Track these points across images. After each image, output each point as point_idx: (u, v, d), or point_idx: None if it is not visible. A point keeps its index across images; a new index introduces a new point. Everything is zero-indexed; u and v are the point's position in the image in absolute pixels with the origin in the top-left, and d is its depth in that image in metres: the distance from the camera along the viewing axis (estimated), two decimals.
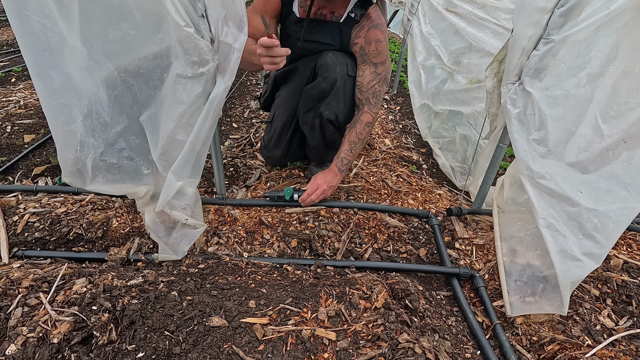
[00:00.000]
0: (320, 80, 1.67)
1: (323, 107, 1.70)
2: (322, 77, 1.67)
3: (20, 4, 0.97)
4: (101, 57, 1.13)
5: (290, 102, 1.87)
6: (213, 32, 1.19)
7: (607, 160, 1.22)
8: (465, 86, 2.29)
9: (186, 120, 1.24)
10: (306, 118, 1.79)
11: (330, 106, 1.70)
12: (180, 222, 1.36)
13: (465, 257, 1.61)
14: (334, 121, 1.73)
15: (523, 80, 1.33)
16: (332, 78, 1.65)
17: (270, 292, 1.21)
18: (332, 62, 1.65)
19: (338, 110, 1.71)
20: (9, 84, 3.24)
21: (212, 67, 1.22)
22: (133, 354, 0.96)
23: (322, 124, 1.74)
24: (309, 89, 1.73)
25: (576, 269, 1.21)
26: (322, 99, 1.70)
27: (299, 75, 1.84)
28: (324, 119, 1.71)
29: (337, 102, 1.70)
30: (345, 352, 1.01)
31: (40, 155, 2.15)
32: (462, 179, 2.17)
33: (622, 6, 1.08)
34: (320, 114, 1.71)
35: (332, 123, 1.74)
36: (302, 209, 1.71)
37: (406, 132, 3.00)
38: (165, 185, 1.27)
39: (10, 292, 1.14)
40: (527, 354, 1.24)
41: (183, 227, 1.38)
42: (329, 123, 1.73)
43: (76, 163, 1.20)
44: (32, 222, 1.53)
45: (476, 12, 2.23)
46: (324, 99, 1.70)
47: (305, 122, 1.81)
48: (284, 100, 1.90)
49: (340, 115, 1.72)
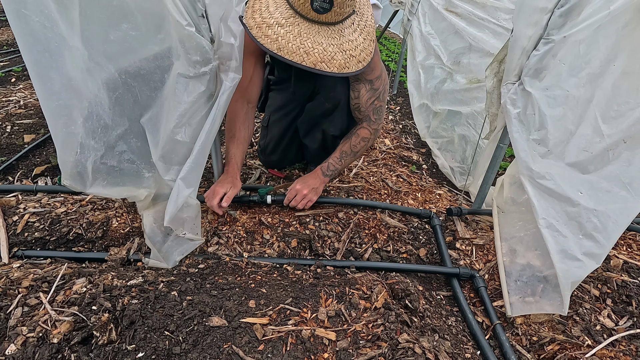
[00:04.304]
0: (323, 100, 1.67)
1: (327, 124, 1.72)
2: (324, 97, 1.66)
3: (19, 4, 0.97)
4: (102, 58, 1.12)
5: (286, 112, 1.85)
6: (213, 31, 1.19)
7: (607, 160, 1.22)
8: (465, 86, 2.29)
9: (187, 120, 1.24)
10: (309, 133, 1.80)
11: (335, 123, 1.71)
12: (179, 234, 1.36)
13: (465, 257, 1.61)
14: (338, 137, 1.75)
15: (523, 80, 1.33)
16: (335, 98, 1.65)
17: (270, 292, 1.21)
18: (332, 81, 1.63)
19: (343, 126, 1.73)
20: (9, 84, 3.24)
21: (214, 67, 1.22)
22: (133, 354, 0.96)
23: (325, 138, 1.76)
24: (311, 108, 1.72)
25: (576, 269, 1.21)
26: (326, 116, 1.71)
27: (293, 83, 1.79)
28: (329, 135, 1.74)
29: (342, 118, 1.71)
30: (345, 352, 1.01)
31: (40, 155, 2.15)
32: (462, 179, 2.17)
33: (622, 6, 1.08)
34: (324, 130, 1.73)
35: (336, 138, 1.76)
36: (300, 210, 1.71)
37: (406, 132, 3.00)
38: (173, 194, 1.26)
39: (10, 292, 1.14)
40: (527, 354, 1.24)
41: (178, 237, 1.38)
42: (333, 137, 1.75)
43: (76, 165, 1.19)
44: (32, 222, 1.53)
45: (476, 12, 2.23)
46: (327, 117, 1.71)
47: (307, 135, 1.82)
48: (278, 107, 1.87)
49: (345, 129, 1.74)
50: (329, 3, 1.21)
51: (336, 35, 1.29)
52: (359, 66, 1.33)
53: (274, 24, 1.24)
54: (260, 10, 1.27)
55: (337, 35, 1.29)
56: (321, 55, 1.26)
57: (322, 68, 1.26)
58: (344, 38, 1.30)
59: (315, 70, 1.26)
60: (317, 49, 1.26)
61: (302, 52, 1.24)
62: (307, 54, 1.24)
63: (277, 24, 1.24)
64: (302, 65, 1.25)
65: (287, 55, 1.24)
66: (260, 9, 1.27)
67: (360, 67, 1.33)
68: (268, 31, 1.24)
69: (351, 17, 1.34)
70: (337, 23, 1.29)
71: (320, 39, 1.26)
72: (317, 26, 1.26)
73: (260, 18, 1.25)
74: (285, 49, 1.24)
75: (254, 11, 1.27)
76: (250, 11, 1.28)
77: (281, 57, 1.24)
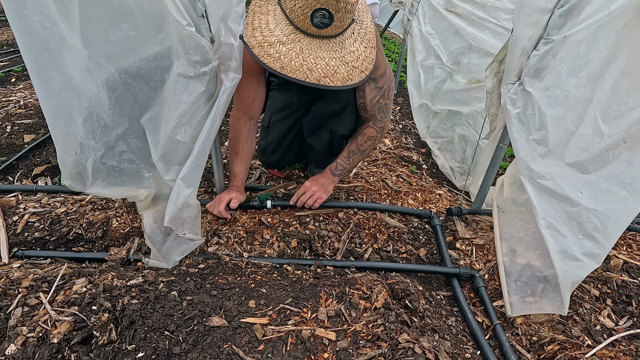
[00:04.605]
0: (332, 101, 1.66)
1: (336, 124, 1.71)
2: (333, 98, 1.66)
3: (19, 4, 0.97)
4: (102, 58, 1.12)
5: (289, 112, 1.84)
6: (213, 31, 1.19)
7: (607, 160, 1.22)
8: (465, 86, 2.29)
9: (186, 120, 1.24)
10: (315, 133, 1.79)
11: (344, 123, 1.71)
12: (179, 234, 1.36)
13: (465, 257, 1.61)
14: (347, 136, 1.75)
15: (523, 81, 1.33)
16: (344, 99, 1.65)
17: (270, 292, 1.21)
18: None
19: (352, 126, 1.73)
20: (9, 84, 3.24)
21: (214, 67, 1.22)
22: (133, 354, 0.96)
23: (332, 138, 1.76)
24: (319, 108, 1.72)
25: (576, 269, 1.21)
26: (334, 116, 1.70)
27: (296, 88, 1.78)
28: (337, 135, 1.73)
29: (350, 118, 1.71)
30: (345, 352, 1.01)
31: (40, 155, 2.15)
32: (462, 179, 2.17)
33: (622, 6, 1.08)
34: (333, 130, 1.72)
35: (344, 137, 1.76)
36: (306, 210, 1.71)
37: (406, 132, 3.00)
38: (173, 194, 1.26)
39: (10, 292, 1.14)
40: (527, 354, 1.24)
41: (178, 237, 1.38)
42: (341, 137, 1.75)
43: (76, 166, 1.19)
44: (32, 222, 1.53)
45: (476, 12, 2.23)
46: (335, 117, 1.70)
47: (312, 135, 1.80)
48: (281, 108, 1.86)
49: (353, 129, 1.74)
50: (328, 18, 1.22)
51: (337, 48, 1.30)
52: (361, 76, 1.35)
53: (275, 42, 1.25)
54: (260, 27, 1.27)
55: (338, 48, 1.30)
56: (324, 70, 1.27)
57: (325, 83, 1.27)
58: (345, 50, 1.31)
59: (319, 86, 1.27)
60: (320, 65, 1.26)
61: (305, 69, 1.25)
62: (310, 71, 1.25)
63: (279, 41, 1.25)
64: (306, 82, 1.26)
65: (290, 74, 1.25)
66: (261, 27, 1.27)
67: (363, 76, 1.35)
68: (270, 50, 1.25)
69: (351, 26, 1.34)
70: (338, 35, 1.30)
71: (322, 53, 1.27)
72: (318, 41, 1.28)
73: (261, 36, 1.26)
74: (288, 67, 1.24)
75: (254, 29, 1.27)
76: (250, 28, 1.28)
77: (285, 75, 1.25)
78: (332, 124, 1.71)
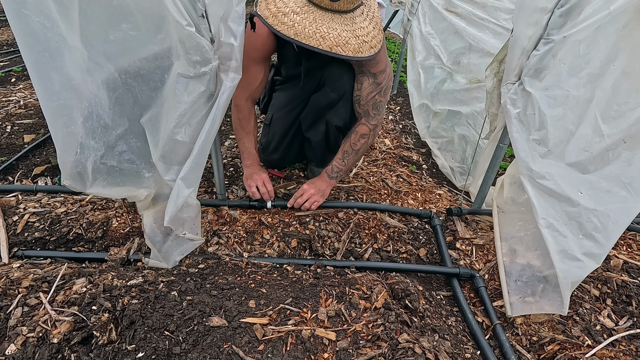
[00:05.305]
0: (329, 90, 1.67)
1: (331, 114, 1.71)
2: (330, 87, 1.66)
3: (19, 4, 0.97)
4: (101, 58, 1.12)
5: (290, 108, 1.84)
6: (213, 31, 1.19)
7: (607, 160, 1.22)
8: (465, 86, 2.29)
9: (186, 120, 1.24)
10: (312, 125, 1.79)
11: (339, 114, 1.71)
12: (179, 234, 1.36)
13: (465, 257, 1.61)
14: (342, 127, 1.75)
15: (523, 80, 1.33)
16: (341, 88, 1.65)
17: (270, 292, 1.21)
18: (339, 71, 1.64)
19: (347, 118, 1.73)
20: (9, 84, 3.24)
21: (214, 67, 1.22)
22: (133, 354, 0.96)
23: (328, 130, 1.76)
24: (316, 99, 1.72)
25: (576, 269, 1.21)
26: (330, 107, 1.70)
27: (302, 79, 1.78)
28: (332, 125, 1.73)
29: (346, 109, 1.71)
30: (345, 352, 1.01)
31: (40, 155, 2.15)
32: (462, 179, 2.17)
33: (622, 6, 1.07)
34: (328, 121, 1.72)
35: (339, 130, 1.76)
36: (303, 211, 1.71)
37: (406, 132, 3.00)
38: (173, 194, 1.26)
39: (10, 292, 1.14)
40: (527, 354, 1.24)
41: (178, 237, 1.38)
42: (336, 129, 1.75)
43: (76, 166, 1.19)
44: (32, 222, 1.53)
45: (476, 12, 2.23)
46: (331, 107, 1.70)
47: (310, 128, 1.81)
48: (283, 105, 1.87)
49: (348, 121, 1.74)
50: None
51: (349, 22, 1.36)
52: (371, 51, 1.40)
53: (289, 12, 1.31)
54: (274, 1, 1.34)
55: (349, 22, 1.36)
56: (336, 39, 1.32)
57: (337, 51, 1.33)
58: (356, 25, 1.37)
59: (331, 53, 1.32)
60: (332, 34, 1.32)
61: (319, 36, 1.31)
62: (323, 39, 1.31)
63: (293, 12, 1.32)
64: (318, 49, 1.31)
65: (304, 40, 1.30)
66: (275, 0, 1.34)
67: (372, 52, 1.40)
68: (284, 19, 1.31)
69: (360, 7, 1.41)
70: (349, 11, 1.36)
71: (335, 25, 1.33)
72: (330, 14, 1.33)
73: (275, 8, 1.33)
74: (302, 34, 1.30)
75: (268, 3, 1.35)
76: (264, 3, 1.35)
77: (298, 42, 1.30)
78: (328, 115, 1.72)
